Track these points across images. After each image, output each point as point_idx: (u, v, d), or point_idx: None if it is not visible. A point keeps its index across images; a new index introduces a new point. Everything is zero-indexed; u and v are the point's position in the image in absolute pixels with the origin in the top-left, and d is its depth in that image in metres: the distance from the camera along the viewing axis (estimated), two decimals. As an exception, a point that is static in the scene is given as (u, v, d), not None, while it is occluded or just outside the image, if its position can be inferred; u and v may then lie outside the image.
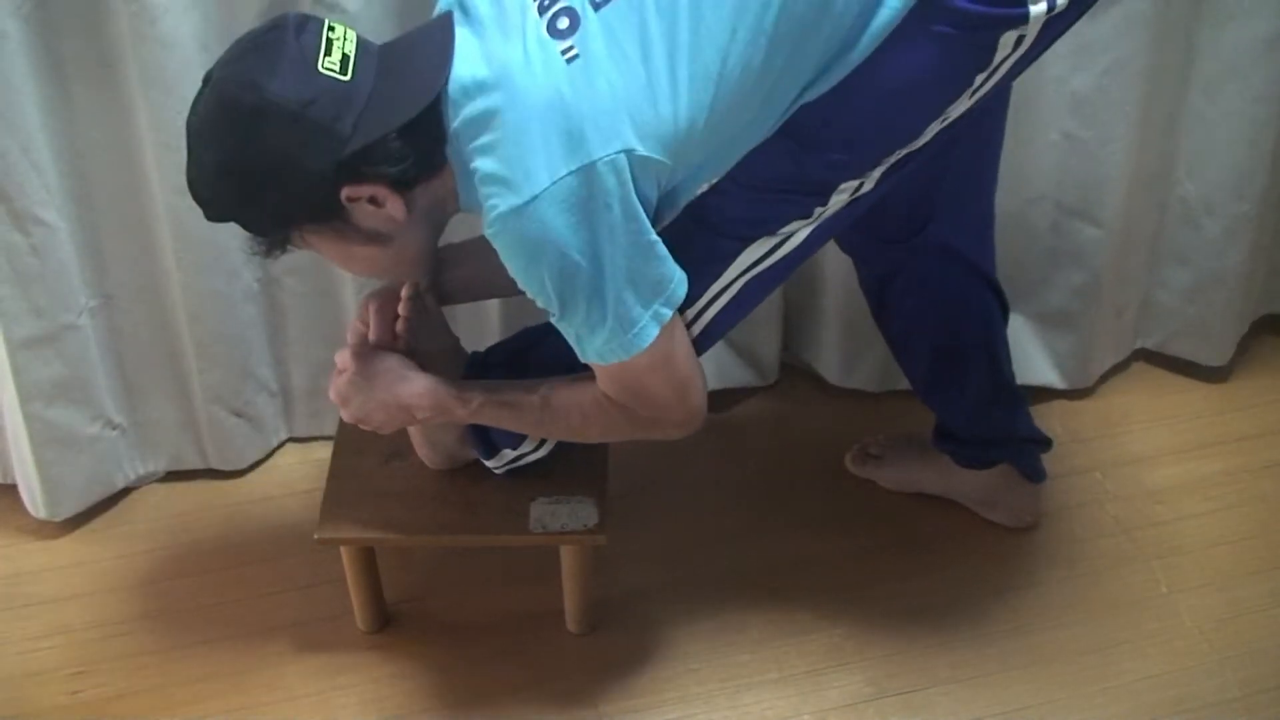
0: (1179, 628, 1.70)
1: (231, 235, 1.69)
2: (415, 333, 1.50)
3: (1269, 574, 1.76)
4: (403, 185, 1.29)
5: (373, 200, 1.29)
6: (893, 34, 1.25)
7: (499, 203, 1.24)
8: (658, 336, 1.31)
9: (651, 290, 1.29)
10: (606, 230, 1.24)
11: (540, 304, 1.30)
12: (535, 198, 1.21)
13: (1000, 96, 1.52)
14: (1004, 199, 1.65)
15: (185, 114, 1.29)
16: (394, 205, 1.30)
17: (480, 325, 1.86)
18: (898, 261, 1.62)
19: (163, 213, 1.66)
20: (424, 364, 1.49)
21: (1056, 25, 1.30)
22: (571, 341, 1.34)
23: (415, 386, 1.45)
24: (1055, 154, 1.84)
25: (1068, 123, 1.82)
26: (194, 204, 1.33)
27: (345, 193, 1.27)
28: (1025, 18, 1.25)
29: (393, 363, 1.47)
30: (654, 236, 1.28)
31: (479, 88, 1.25)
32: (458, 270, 1.55)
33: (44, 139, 1.57)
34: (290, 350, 1.87)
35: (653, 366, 1.34)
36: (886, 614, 1.72)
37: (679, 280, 1.32)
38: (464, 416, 1.46)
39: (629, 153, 1.22)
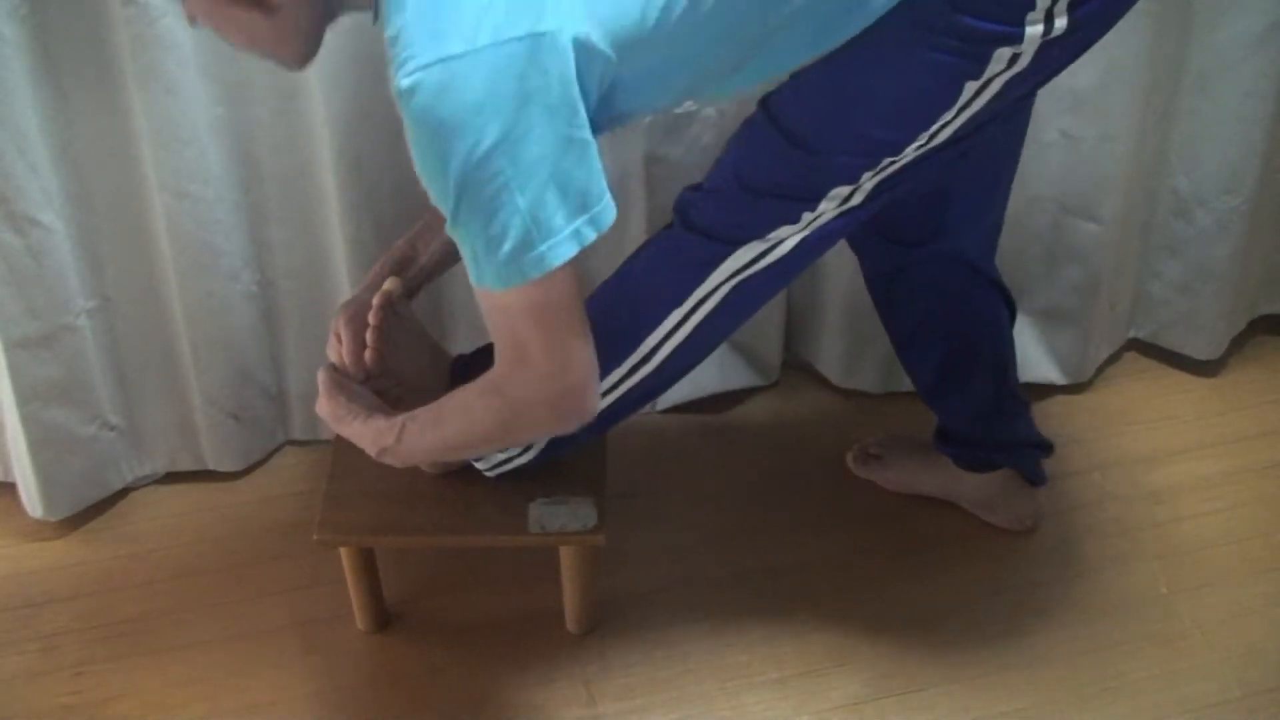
0: (1179, 628, 1.70)
1: (230, 238, 1.69)
2: (391, 341, 1.48)
3: (1269, 574, 1.76)
4: None
5: None
6: (887, 40, 1.24)
7: (421, 49, 1.09)
8: (564, 270, 1.17)
9: (579, 200, 1.16)
10: (543, 113, 1.11)
11: (435, 199, 1.16)
12: (471, 52, 1.08)
13: (1018, 119, 1.52)
14: (1002, 198, 1.66)
15: (183, 116, 1.28)
16: None
17: (479, 328, 1.85)
18: (903, 262, 1.62)
19: (160, 214, 1.66)
20: (404, 372, 1.48)
21: (1054, 53, 1.29)
22: (467, 255, 1.19)
23: (361, 426, 1.40)
24: (1055, 153, 1.84)
25: (1067, 122, 1.82)
26: (192, 205, 1.32)
27: None
28: (1020, 37, 1.24)
29: (353, 399, 1.42)
30: (590, 139, 1.15)
31: None
32: (416, 264, 1.52)
33: (41, 141, 1.57)
34: (288, 353, 1.87)
35: (535, 310, 1.20)
36: (886, 615, 1.72)
37: (607, 203, 1.18)
38: (393, 446, 1.38)
39: (579, 35, 1.12)
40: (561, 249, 1.16)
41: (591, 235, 1.18)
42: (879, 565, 1.78)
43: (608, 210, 1.19)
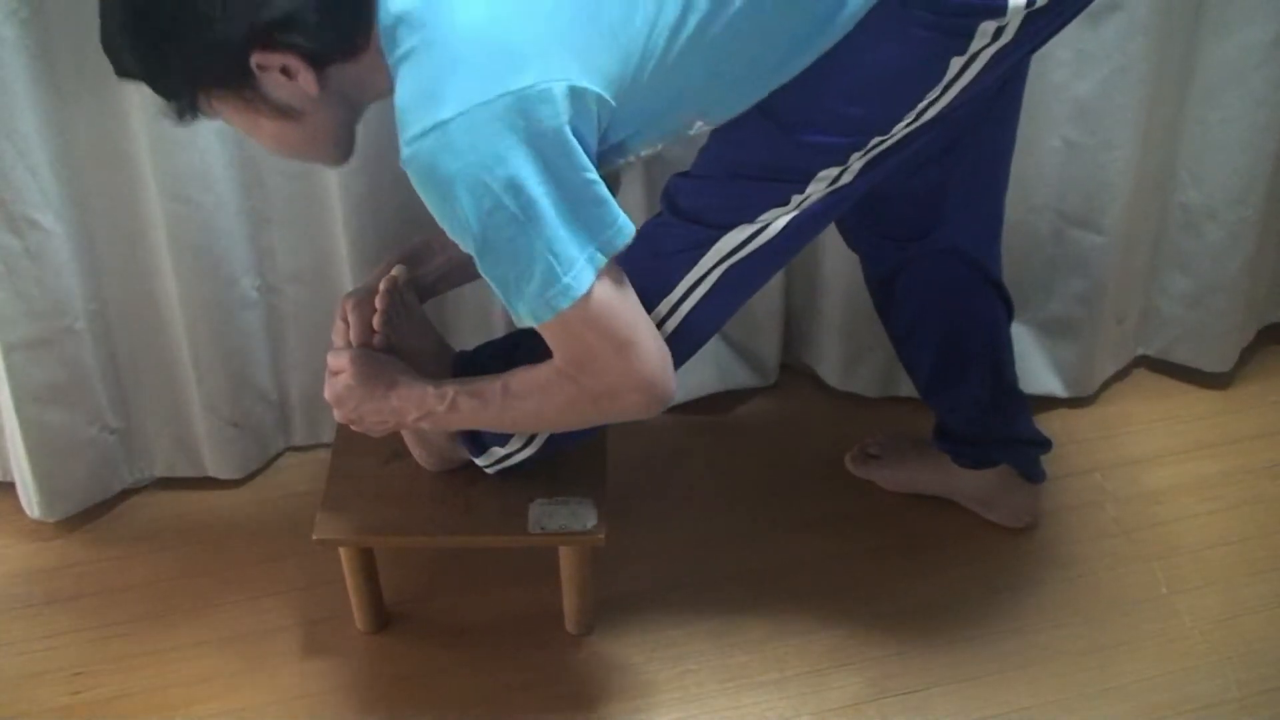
0: (1179, 628, 1.70)
1: (230, 243, 1.69)
2: (396, 328, 1.49)
3: (1269, 574, 1.76)
4: (318, 60, 1.22)
5: (284, 71, 1.22)
6: (871, 18, 1.24)
7: (417, 118, 1.17)
8: (595, 286, 1.24)
9: (589, 232, 1.22)
10: (537, 163, 1.17)
11: (462, 246, 1.24)
12: (462, 114, 1.15)
13: (1010, 99, 1.51)
14: (1006, 207, 1.64)
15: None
16: (306, 79, 1.23)
17: (481, 326, 1.86)
18: (904, 260, 1.61)
19: (159, 218, 1.66)
20: (408, 361, 1.48)
21: (1039, 23, 1.28)
22: (500, 295, 1.27)
23: (402, 390, 1.43)
24: (1057, 161, 1.84)
25: (1069, 130, 1.81)
26: (192, 210, 1.33)
27: (256, 59, 1.20)
28: (1003, 9, 1.24)
29: (388, 366, 1.45)
30: (593, 176, 1.21)
31: None
32: (433, 262, 1.54)
33: (40, 143, 1.57)
34: (289, 360, 1.87)
35: (590, 322, 1.27)
36: (886, 614, 1.72)
37: (621, 225, 1.25)
38: (442, 414, 1.42)
39: (570, 84, 1.17)
40: (581, 277, 1.23)
41: (603, 259, 1.24)
42: (879, 565, 1.78)
43: (621, 234, 1.25)
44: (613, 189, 1.26)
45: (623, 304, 1.29)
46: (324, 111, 1.27)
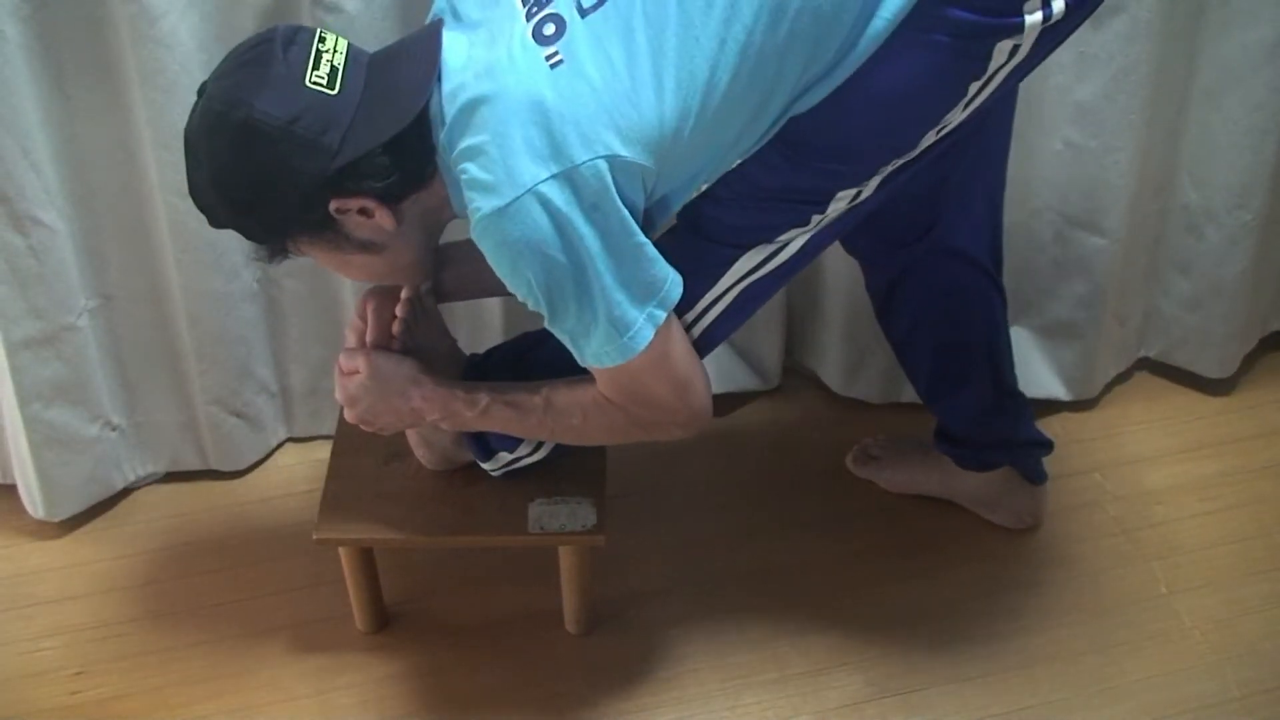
0: (1178, 628, 1.70)
1: (230, 236, 1.69)
2: (413, 332, 1.50)
3: (1268, 574, 1.76)
4: (390, 197, 1.31)
5: (362, 212, 1.31)
6: (887, 43, 1.24)
7: (482, 205, 1.24)
8: (654, 338, 1.31)
9: (644, 292, 1.29)
10: (590, 233, 1.24)
11: (531, 307, 1.31)
12: (516, 199, 1.22)
13: (1006, 99, 1.52)
14: (1008, 210, 1.65)
15: (184, 115, 1.30)
16: (382, 217, 1.32)
17: (481, 327, 1.86)
18: (905, 265, 1.62)
19: (162, 213, 1.67)
20: (422, 364, 1.49)
21: (1053, 36, 1.29)
22: (567, 344, 1.34)
23: (426, 390, 1.45)
24: (1059, 164, 1.84)
25: (1071, 132, 1.81)
26: (193, 205, 1.34)
27: (333, 205, 1.30)
28: (1020, 27, 1.24)
29: (405, 366, 1.47)
30: (641, 239, 1.28)
31: (464, 94, 1.26)
32: (456, 269, 1.55)
33: (43, 140, 1.57)
34: (289, 351, 1.87)
35: (650, 368, 1.34)
36: (886, 614, 1.72)
37: (673, 282, 1.32)
38: (472, 419, 1.46)
39: (611, 157, 1.23)
40: (641, 335, 1.30)
41: (662, 315, 1.31)
42: (879, 565, 1.78)
43: (673, 289, 1.32)
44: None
45: (678, 348, 1.36)
46: (404, 240, 1.37)
